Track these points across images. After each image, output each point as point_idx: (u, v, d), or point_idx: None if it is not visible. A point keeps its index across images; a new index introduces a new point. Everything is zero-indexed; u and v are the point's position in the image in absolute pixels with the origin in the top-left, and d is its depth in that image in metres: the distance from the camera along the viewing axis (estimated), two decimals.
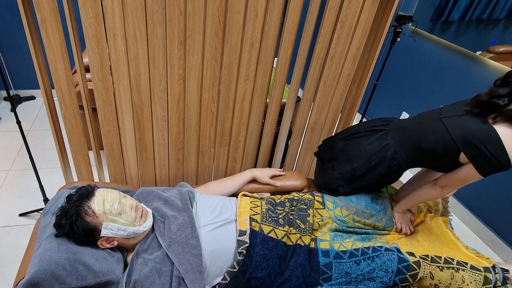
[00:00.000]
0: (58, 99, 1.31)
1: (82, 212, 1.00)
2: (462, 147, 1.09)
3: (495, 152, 1.03)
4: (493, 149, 1.03)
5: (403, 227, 1.36)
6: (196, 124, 1.51)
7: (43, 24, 1.13)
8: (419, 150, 1.21)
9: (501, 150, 1.03)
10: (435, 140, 1.15)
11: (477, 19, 2.06)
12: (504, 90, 1.05)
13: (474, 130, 1.06)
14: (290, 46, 1.41)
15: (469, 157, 1.09)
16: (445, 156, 1.15)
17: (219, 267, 1.12)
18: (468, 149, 1.08)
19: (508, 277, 1.23)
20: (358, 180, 1.36)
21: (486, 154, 1.04)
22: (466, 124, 1.09)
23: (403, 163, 1.26)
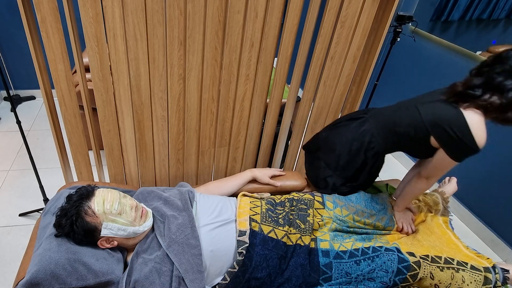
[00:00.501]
0: (58, 99, 1.31)
1: (82, 212, 1.00)
2: (431, 130, 1.14)
3: (462, 135, 1.07)
4: (460, 132, 1.08)
5: (404, 226, 1.36)
6: (196, 124, 1.51)
7: (43, 24, 1.13)
8: (394, 134, 1.26)
9: (467, 133, 1.07)
10: (408, 124, 1.20)
11: (477, 19, 2.06)
12: (478, 80, 1.07)
13: (443, 114, 1.11)
14: (290, 46, 1.41)
15: (437, 140, 1.14)
16: (417, 140, 1.20)
17: (219, 267, 1.12)
18: (437, 132, 1.13)
19: (508, 277, 1.23)
20: (344, 168, 1.40)
21: (453, 136, 1.09)
22: (437, 110, 1.14)
23: (380, 148, 1.32)
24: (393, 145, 1.30)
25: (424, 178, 1.25)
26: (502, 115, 1.06)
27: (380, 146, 1.31)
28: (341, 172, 1.41)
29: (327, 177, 1.44)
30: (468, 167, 2.21)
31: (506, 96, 1.02)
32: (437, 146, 1.16)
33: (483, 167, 2.11)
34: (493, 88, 1.05)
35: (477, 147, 1.08)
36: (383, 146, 1.31)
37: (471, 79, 1.10)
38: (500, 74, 1.03)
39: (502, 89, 1.03)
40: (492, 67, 1.05)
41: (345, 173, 1.40)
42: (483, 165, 2.11)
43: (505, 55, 1.03)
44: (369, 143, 1.32)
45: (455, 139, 1.09)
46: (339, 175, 1.42)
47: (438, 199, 1.50)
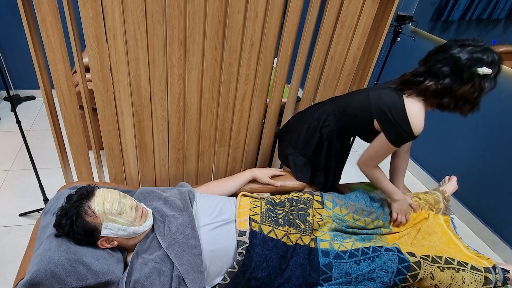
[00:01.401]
0: (58, 99, 1.31)
1: (82, 212, 1.00)
2: (374, 113, 1.23)
3: (399, 120, 1.16)
4: (397, 116, 1.16)
5: (399, 217, 1.35)
6: (196, 124, 1.51)
7: (43, 24, 1.13)
8: (344, 114, 1.36)
9: (404, 119, 1.15)
10: (357, 106, 1.31)
11: (477, 19, 2.06)
12: (422, 68, 1.16)
13: (387, 99, 1.20)
14: (290, 46, 1.41)
15: (378, 122, 1.22)
16: (363, 122, 1.29)
17: (219, 267, 1.12)
18: (379, 115, 1.22)
19: (508, 277, 1.23)
20: (303, 146, 1.49)
21: (392, 120, 1.17)
22: (383, 95, 1.22)
23: (332, 127, 1.41)
24: (344, 126, 1.39)
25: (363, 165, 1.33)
26: (438, 100, 1.14)
27: (333, 125, 1.40)
28: (300, 150, 1.50)
29: (288, 155, 1.54)
30: (468, 167, 2.22)
31: (442, 82, 1.10)
32: (379, 129, 1.24)
33: (483, 167, 2.11)
34: (432, 75, 1.13)
35: (412, 133, 1.16)
36: (336, 125, 1.40)
37: (418, 67, 1.18)
38: (440, 61, 1.10)
39: (439, 75, 1.11)
40: (435, 56, 1.13)
41: (304, 151, 1.49)
42: (483, 165, 2.11)
43: (448, 45, 1.11)
44: (324, 121, 1.41)
45: (393, 123, 1.17)
46: (299, 152, 1.51)
47: (439, 198, 1.50)
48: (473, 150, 2.17)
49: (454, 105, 1.13)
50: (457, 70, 1.08)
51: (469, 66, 1.06)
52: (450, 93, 1.11)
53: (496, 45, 1.99)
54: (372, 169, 1.33)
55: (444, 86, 1.10)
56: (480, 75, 1.07)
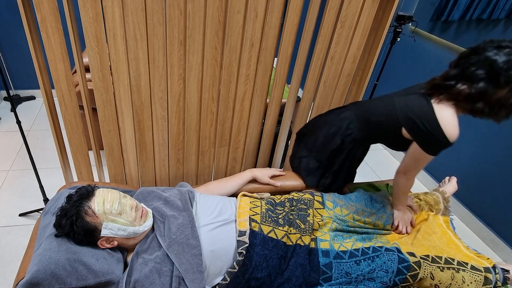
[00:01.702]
0: (58, 99, 1.31)
1: (82, 212, 1.00)
2: (402, 122, 1.16)
3: (431, 127, 1.09)
4: (428, 124, 1.09)
5: (400, 225, 1.36)
6: (196, 124, 1.51)
7: (43, 24, 1.13)
8: (368, 122, 1.31)
9: (436, 127, 1.08)
10: (382, 113, 1.24)
11: (477, 19, 2.06)
12: (454, 71, 1.08)
13: (415, 107, 1.13)
14: (290, 46, 1.41)
15: (409, 132, 1.16)
16: (389, 130, 1.23)
17: (219, 267, 1.12)
18: (408, 124, 1.15)
19: (508, 277, 1.23)
20: (319, 150, 1.45)
21: (423, 129, 1.10)
22: (410, 102, 1.16)
23: (357, 134, 1.35)
24: (368, 134, 1.34)
25: (402, 174, 1.27)
26: (471, 105, 1.06)
27: (356, 133, 1.35)
28: (316, 154, 1.46)
29: (302, 157, 1.51)
30: (468, 167, 2.21)
31: (476, 86, 1.02)
32: (409, 138, 1.17)
33: (483, 167, 2.11)
34: (465, 78, 1.05)
35: (447, 140, 1.08)
36: (359, 133, 1.35)
37: (449, 70, 1.11)
38: (473, 64, 1.03)
39: (473, 78, 1.03)
40: (468, 58, 1.05)
41: (320, 155, 1.45)
42: (483, 165, 2.11)
43: (482, 46, 1.03)
44: (346, 129, 1.36)
45: (425, 133, 1.10)
46: (314, 156, 1.47)
47: (439, 199, 1.50)
48: (473, 150, 2.17)
49: (489, 110, 1.05)
50: (493, 73, 0.99)
51: (507, 69, 0.98)
52: (484, 98, 1.03)
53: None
54: (410, 181, 1.27)
55: (479, 90, 1.02)
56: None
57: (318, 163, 1.47)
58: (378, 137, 1.35)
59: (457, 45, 2.22)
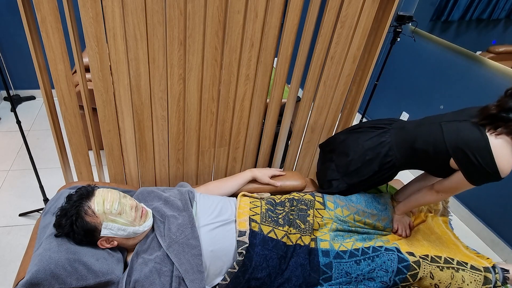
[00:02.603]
0: (58, 99, 1.31)
1: (82, 212, 1.00)
2: (452, 153, 1.07)
3: (484, 162, 1.01)
4: (482, 158, 1.01)
5: (400, 229, 1.36)
6: (196, 124, 1.51)
7: (43, 24, 1.13)
8: (412, 150, 1.20)
9: (490, 160, 1.00)
10: (429, 141, 1.14)
11: (477, 19, 2.06)
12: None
13: (467, 137, 1.04)
14: (290, 46, 1.41)
15: (457, 164, 1.07)
16: (436, 159, 1.13)
17: (219, 267, 1.12)
18: (458, 155, 1.06)
19: (508, 277, 1.23)
20: (352, 175, 1.36)
21: (474, 162, 1.02)
22: (461, 131, 1.06)
23: (397, 161, 1.26)
24: (411, 161, 1.24)
25: (435, 192, 1.22)
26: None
27: (397, 160, 1.25)
28: (348, 178, 1.37)
29: (333, 180, 1.42)
30: None
31: None
32: (456, 168, 1.10)
33: None
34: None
35: (499, 175, 1.01)
36: (400, 160, 1.25)
37: (506, 100, 1.00)
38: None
39: None
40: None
41: (353, 180, 1.36)
42: None
43: None
44: (386, 156, 1.26)
45: (476, 166, 1.02)
46: (346, 181, 1.38)
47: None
48: None
49: None
50: None
51: None
52: None
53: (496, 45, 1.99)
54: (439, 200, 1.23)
55: None
56: None
57: (347, 186, 1.39)
58: (419, 165, 1.24)
59: (457, 45, 2.22)
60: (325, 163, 1.51)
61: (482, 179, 1.05)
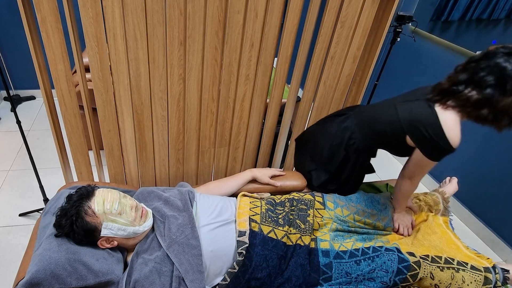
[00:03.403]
0: (58, 99, 1.31)
1: (82, 212, 1.00)
2: (406, 130, 1.15)
3: (435, 135, 1.08)
4: (433, 131, 1.09)
5: (400, 228, 1.36)
6: (196, 124, 1.51)
7: (43, 24, 1.13)
8: (372, 131, 1.29)
9: (440, 133, 1.08)
10: (386, 122, 1.22)
11: (477, 19, 2.06)
12: (463, 76, 1.06)
13: (419, 114, 1.12)
14: (290, 46, 1.41)
15: (413, 140, 1.15)
16: (394, 138, 1.22)
17: (219, 267, 1.12)
18: (411, 131, 1.14)
19: (508, 277, 1.23)
20: (326, 163, 1.43)
21: (427, 136, 1.10)
22: (413, 109, 1.14)
23: (360, 144, 1.34)
24: (372, 142, 1.32)
25: (407, 179, 1.27)
26: (477, 111, 1.05)
27: (360, 142, 1.34)
28: (324, 166, 1.45)
29: (311, 171, 1.49)
30: (468, 167, 2.21)
31: (484, 92, 1.01)
32: (413, 145, 1.17)
33: (483, 167, 2.11)
34: (474, 84, 1.03)
35: (451, 147, 1.08)
36: (363, 142, 1.33)
37: (457, 75, 1.08)
38: (483, 69, 1.01)
39: (481, 84, 1.01)
40: (478, 63, 1.03)
41: (328, 168, 1.43)
42: (483, 165, 2.11)
43: (492, 51, 1.02)
44: (349, 139, 1.35)
45: (428, 139, 1.10)
46: (322, 169, 1.45)
47: (439, 199, 1.50)
48: (473, 151, 2.17)
49: (493, 118, 1.03)
50: (502, 80, 0.98)
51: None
52: (490, 105, 1.02)
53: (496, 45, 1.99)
54: (414, 186, 1.28)
55: (486, 96, 1.00)
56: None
57: (328, 175, 1.44)
58: (381, 145, 1.33)
59: (457, 45, 2.22)
60: (300, 156, 1.59)
61: (438, 153, 1.12)
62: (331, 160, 1.40)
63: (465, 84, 1.05)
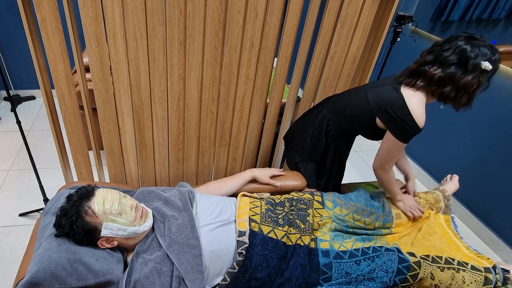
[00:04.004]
0: (58, 99, 1.31)
1: (82, 212, 1.00)
2: (375, 112, 1.24)
3: (401, 115, 1.17)
4: (399, 112, 1.17)
5: (414, 213, 1.39)
6: (196, 124, 1.51)
7: (43, 24, 1.13)
8: (344, 116, 1.37)
9: (406, 113, 1.16)
10: (356, 106, 1.31)
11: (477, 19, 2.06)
12: (429, 57, 1.17)
13: (386, 97, 1.21)
14: (290, 46, 1.41)
15: (382, 121, 1.23)
16: (365, 121, 1.30)
17: (219, 267, 1.12)
18: (380, 113, 1.23)
19: (508, 277, 1.23)
20: (311, 153, 1.49)
21: (395, 117, 1.18)
22: (381, 93, 1.24)
23: (335, 130, 1.42)
24: (346, 127, 1.40)
25: (379, 168, 1.33)
26: (440, 89, 1.15)
27: (335, 129, 1.42)
28: (308, 156, 1.51)
29: (298, 163, 1.54)
30: (468, 167, 2.21)
31: (447, 70, 1.12)
32: (384, 127, 1.25)
33: (483, 167, 2.11)
34: (439, 62, 1.14)
35: (417, 126, 1.17)
36: (337, 128, 1.41)
37: (423, 57, 1.19)
38: (447, 50, 1.14)
39: (445, 63, 1.13)
40: (442, 46, 1.16)
41: (312, 157, 1.50)
42: (483, 165, 2.11)
43: (455, 36, 1.16)
44: (327, 127, 1.42)
45: (396, 119, 1.18)
46: (307, 159, 1.52)
47: (439, 197, 1.49)
48: (473, 150, 2.17)
49: (454, 95, 1.14)
50: (463, 59, 1.10)
51: (475, 57, 1.09)
52: (453, 82, 1.13)
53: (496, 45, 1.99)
54: (389, 173, 1.33)
55: (449, 74, 1.12)
56: (482, 69, 1.10)
57: (314, 165, 1.51)
58: (355, 130, 1.41)
59: None
60: (288, 152, 1.64)
61: (406, 133, 1.20)
62: (315, 150, 1.48)
63: (431, 64, 1.16)
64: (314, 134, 1.45)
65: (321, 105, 1.49)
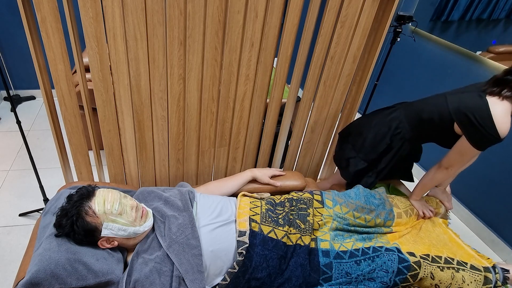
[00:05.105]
0: (58, 99, 1.31)
1: (82, 212, 1.00)
2: (454, 116, 1.18)
3: (483, 123, 1.11)
4: (481, 119, 1.11)
5: (426, 213, 1.42)
6: (196, 124, 1.51)
7: (43, 24, 1.13)
8: (419, 120, 1.33)
9: (489, 121, 1.10)
10: (434, 110, 1.26)
11: (477, 19, 2.06)
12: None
13: (468, 102, 1.16)
14: (290, 46, 1.40)
15: (460, 126, 1.18)
16: (442, 126, 1.25)
17: (219, 267, 1.12)
18: (460, 118, 1.17)
19: (508, 277, 1.23)
20: (368, 150, 1.46)
21: (475, 124, 1.13)
22: (463, 98, 1.18)
23: (406, 133, 1.38)
24: (419, 132, 1.36)
25: (444, 168, 1.30)
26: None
27: (406, 132, 1.37)
28: (364, 154, 1.47)
29: (350, 158, 1.51)
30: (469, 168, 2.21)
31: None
32: (460, 133, 1.19)
33: (483, 167, 2.11)
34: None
35: (498, 136, 1.11)
36: (410, 132, 1.37)
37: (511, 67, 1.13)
38: None
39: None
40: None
41: (369, 156, 1.46)
42: (483, 165, 2.11)
43: None
44: (396, 129, 1.38)
45: (476, 126, 1.12)
46: (362, 157, 1.48)
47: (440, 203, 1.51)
48: None
49: None
50: None
51: None
52: None
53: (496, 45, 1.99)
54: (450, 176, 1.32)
55: None
56: None
57: (366, 163, 1.48)
58: (428, 135, 1.36)
59: (457, 45, 2.22)
60: (342, 145, 1.61)
61: (484, 141, 1.14)
62: (374, 149, 1.44)
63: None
64: (379, 133, 1.42)
65: (393, 107, 1.47)
